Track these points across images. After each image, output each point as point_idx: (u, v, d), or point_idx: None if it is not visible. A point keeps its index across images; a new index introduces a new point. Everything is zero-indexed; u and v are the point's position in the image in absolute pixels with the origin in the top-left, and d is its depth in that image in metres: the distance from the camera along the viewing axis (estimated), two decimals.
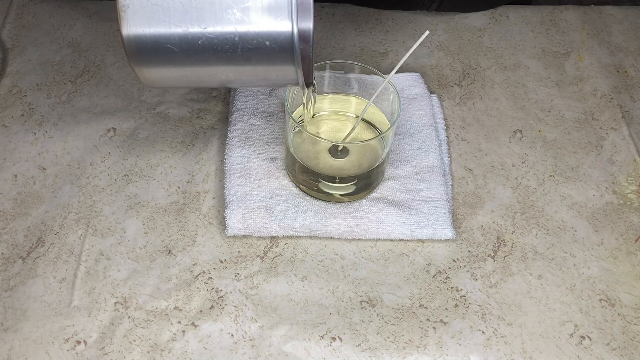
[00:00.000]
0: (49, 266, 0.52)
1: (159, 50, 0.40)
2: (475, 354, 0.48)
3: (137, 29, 0.40)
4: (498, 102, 0.65)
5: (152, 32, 0.40)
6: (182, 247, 0.53)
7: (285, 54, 0.40)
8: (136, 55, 0.41)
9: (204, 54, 0.40)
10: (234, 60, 0.41)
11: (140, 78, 0.43)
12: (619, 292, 0.52)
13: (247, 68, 0.42)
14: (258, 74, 0.43)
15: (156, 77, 0.43)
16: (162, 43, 0.40)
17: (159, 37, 0.40)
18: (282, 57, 0.41)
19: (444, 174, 0.58)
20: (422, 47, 0.69)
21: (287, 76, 0.43)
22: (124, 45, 0.40)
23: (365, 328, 0.49)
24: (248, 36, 0.40)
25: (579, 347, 0.49)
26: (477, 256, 0.54)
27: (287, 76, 0.43)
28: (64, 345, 0.48)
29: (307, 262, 0.53)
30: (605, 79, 0.67)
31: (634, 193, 0.58)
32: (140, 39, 0.40)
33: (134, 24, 0.39)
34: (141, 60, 0.41)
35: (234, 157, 0.57)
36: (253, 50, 0.40)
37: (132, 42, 0.40)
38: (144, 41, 0.40)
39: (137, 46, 0.40)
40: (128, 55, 0.41)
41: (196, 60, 0.41)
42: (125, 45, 0.40)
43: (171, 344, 0.48)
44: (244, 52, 0.40)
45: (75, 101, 0.63)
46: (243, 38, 0.40)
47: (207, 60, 0.41)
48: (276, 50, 0.40)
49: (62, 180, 0.57)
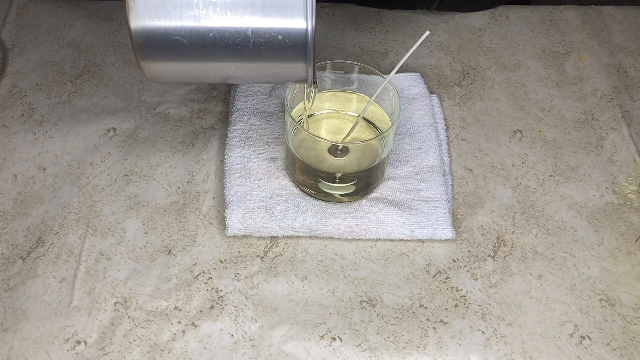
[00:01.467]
0: (49, 266, 0.52)
1: (168, 43, 0.39)
2: (475, 354, 0.48)
3: (145, 21, 0.39)
4: (498, 102, 0.65)
5: (162, 25, 0.39)
6: (182, 247, 0.53)
7: (297, 49, 0.40)
8: (143, 48, 0.40)
9: (214, 47, 0.40)
10: (244, 54, 0.40)
11: (145, 72, 0.42)
12: (619, 292, 0.52)
13: (256, 63, 0.41)
14: (267, 69, 0.42)
15: (162, 71, 0.42)
16: (171, 35, 0.39)
17: (169, 30, 0.39)
18: (293, 52, 0.40)
19: (444, 174, 0.58)
20: (422, 47, 0.69)
21: (296, 72, 0.42)
22: (131, 38, 0.39)
23: (365, 328, 0.49)
24: (261, 30, 0.39)
25: (579, 347, 0.49)
26: (477, 256, 0.54)
27: (296, 72, 0.42)
28: (64, 345, 0.48)
29: (307, 262, 0.53)
30: (605, 79, 0.67)
31: (634, 193, 0.58)
32: (148, 31, 0.39)
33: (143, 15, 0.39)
34: (148, 54, 0.40)
35: (234, 157, 0.57)
36: (265, 45, 0.40)
37: (140, 34, 0.39)
38: (153, 33, 0.39)
39: (145, 39, 0.39)
40: (135, 48, 0.40)
41: (205, 54, 0.40)
42: (132, 37, 0.39)
43: (171, 344, 0.48)
44: (256, 47, 0.40)
45: (75, 101, 0.63)
46: (256, 32, 0.39)
47: (217, 54, 0.40)
48: (288, 46, 0.40)
49: (62, 180, 0.57)
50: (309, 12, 0.39)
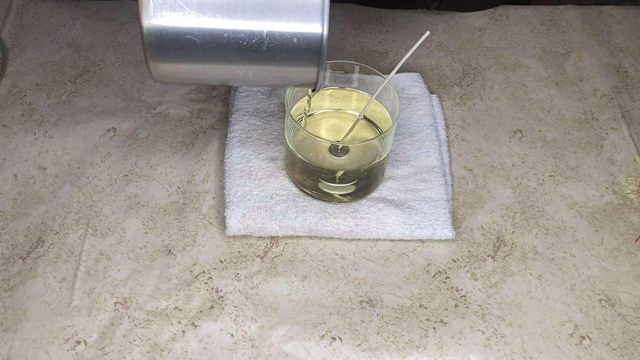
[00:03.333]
0: (49, 266, 0.52)
1: (180, 43, 0.39)
2: (475, 354, 0.48)
3: (158, 19, 0.38)
4: (498, 102, 0.65)
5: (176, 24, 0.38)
6: (182, 247, 0.53)
7: (311, 53, 0.40)
8: (155, 48, 0.39)
9: (227, 48, 0.39)
10: (257, 56, 0.40)
11: (152, 72, 0.41)
12: (619, 292, 0.52)
13: (268, 66, 0.41)
14: (278, 72, 0.42)
15: (170, 71, 0.42)
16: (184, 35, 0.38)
17: (182, 29, 0.38)
18: (307, 56, 0.40)
19: (444, 174, 0.58)
20: (422, 47, 0.69)
21: (306, 76, 0.42)
22: (143, 37, 0.39)
23: (365, 328, 0.49)
24: (276, 32, 0.39)
25: (579, 347, 0.49)
26: (477, 256, 0.54)
27: (306, 76, 0.42)
28: (64, 345, 0.48)
29: (307, 262, 0.53)
30: (605, 79, 0.67)
31: (634, 193, 0.58)
32: (161, 30, 0.38)
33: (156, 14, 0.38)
34: (159, 53, 0.40)
35: (234, 157, 0.57)
36: (279, 47, 0.39)
37: (152, 33, 0.38)
38: (166, 32, 0.38)
39: (157, 38, 0.39)
40: (146, 47, 0.39)
41: (218, 55, 0.40)
42: (144, 36, 0.39)
43: (171, 344, 0.48)
44: (270, 49, 0.39)
45: (75, 101, 0.63)
46: (271, 34, 0.39)
47: (229, 56, 0.40)
48: (303, 49, 0.39)
49: (62, 180, 0.57)
50: (325, 16, 0.39)
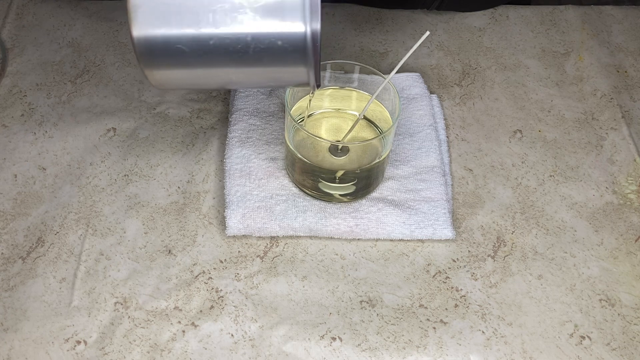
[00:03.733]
0: (49, 266, 0.52)
1: (170, 52, 0.40)
2: (475, 354, 0.48)
3: (148, 30, 0.39)
4: (498, 102, 0.65)
5: (163, 33, 0.39)
6: (182, 247, 0.53)
7: (297, 54, 0.40)
8: (147, 57, 0.40)
9: (215, 54, 0.40)
10: (245, 60, 0.40)
11: (150, 80, 0.43)
12: (619, 292, 0.52)
13: (258, 68, 0.41)
14: (268, 74, 0.42)
15: (166, 79, 0.43)
16: (172, 44, 0.39)
17: (170, 38, 0.39)
18: (293, 57, 0.40)
19: (444, 174, 0.58)
20: (422, 47, 0.69)
21: (298, 76, 0.42)
22: (134, 47, 0.40)
23: (365, 328, 0.49)
24: (260, 36, 0.39)
25: (579, 347, 0.49)
26: (477, 256, 0.54)
27: (298, 76, 0.42)
28: (64, 345, 0.48)
29: (307, 262, 0.53)
30: (605, 79, 0.67)
31: (634, 193, 0.58)
32: (151, 40, 0.39)
33: (145, 25, 0.39)
34: (151, 62, 0.41)
35: (234, 157, 0.57)
36: (265, 51, 0.40)
37: (142, 43, 0.39)
38: (155, 42, 0.39)
39: (147, 48, 0.40)
40: (138, 57, 0.40)
41: (207, 61, 0.41)
42: (135, 47, 0.40)
43: (171, 344, 0.48)
44: (256, 52, 0.40)
45: (75, 101, 0.63)
46: (255, 38, 0.39)
47: (218, 61, 0.41)
48: (288, 51, 0.40)
49: (62, 180, 0.57)
50: (307, 15, 0.39)
